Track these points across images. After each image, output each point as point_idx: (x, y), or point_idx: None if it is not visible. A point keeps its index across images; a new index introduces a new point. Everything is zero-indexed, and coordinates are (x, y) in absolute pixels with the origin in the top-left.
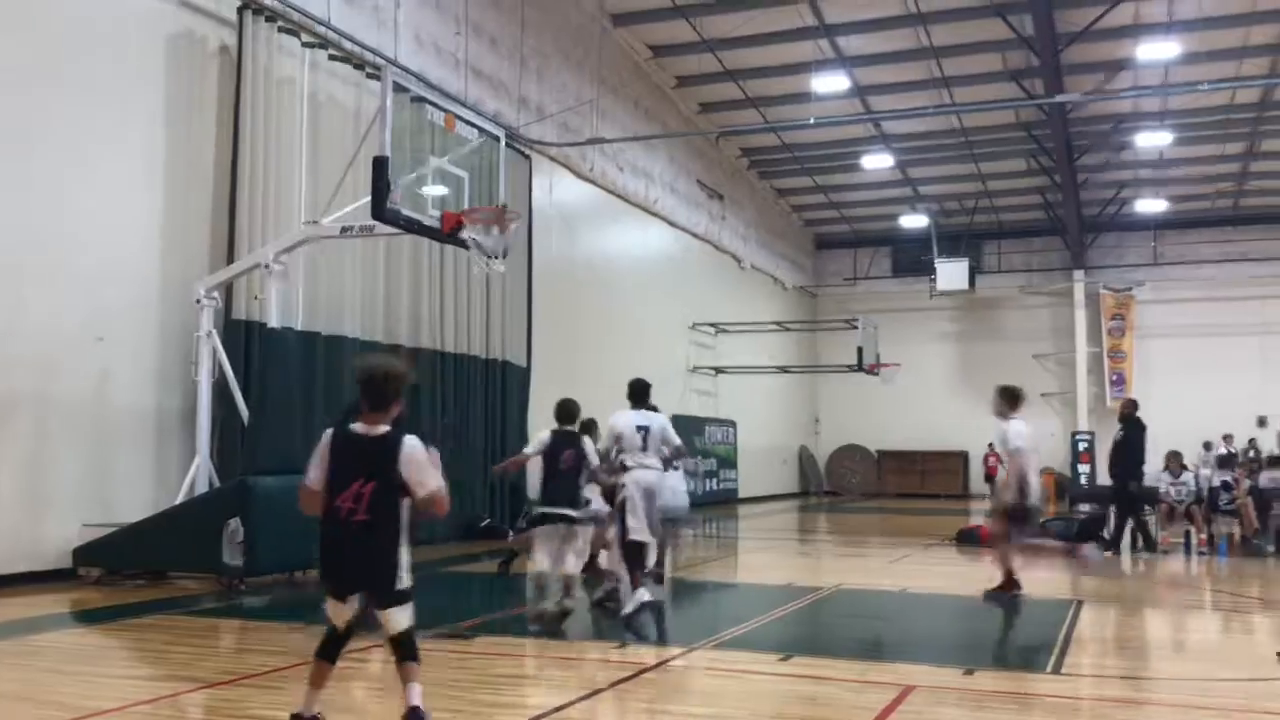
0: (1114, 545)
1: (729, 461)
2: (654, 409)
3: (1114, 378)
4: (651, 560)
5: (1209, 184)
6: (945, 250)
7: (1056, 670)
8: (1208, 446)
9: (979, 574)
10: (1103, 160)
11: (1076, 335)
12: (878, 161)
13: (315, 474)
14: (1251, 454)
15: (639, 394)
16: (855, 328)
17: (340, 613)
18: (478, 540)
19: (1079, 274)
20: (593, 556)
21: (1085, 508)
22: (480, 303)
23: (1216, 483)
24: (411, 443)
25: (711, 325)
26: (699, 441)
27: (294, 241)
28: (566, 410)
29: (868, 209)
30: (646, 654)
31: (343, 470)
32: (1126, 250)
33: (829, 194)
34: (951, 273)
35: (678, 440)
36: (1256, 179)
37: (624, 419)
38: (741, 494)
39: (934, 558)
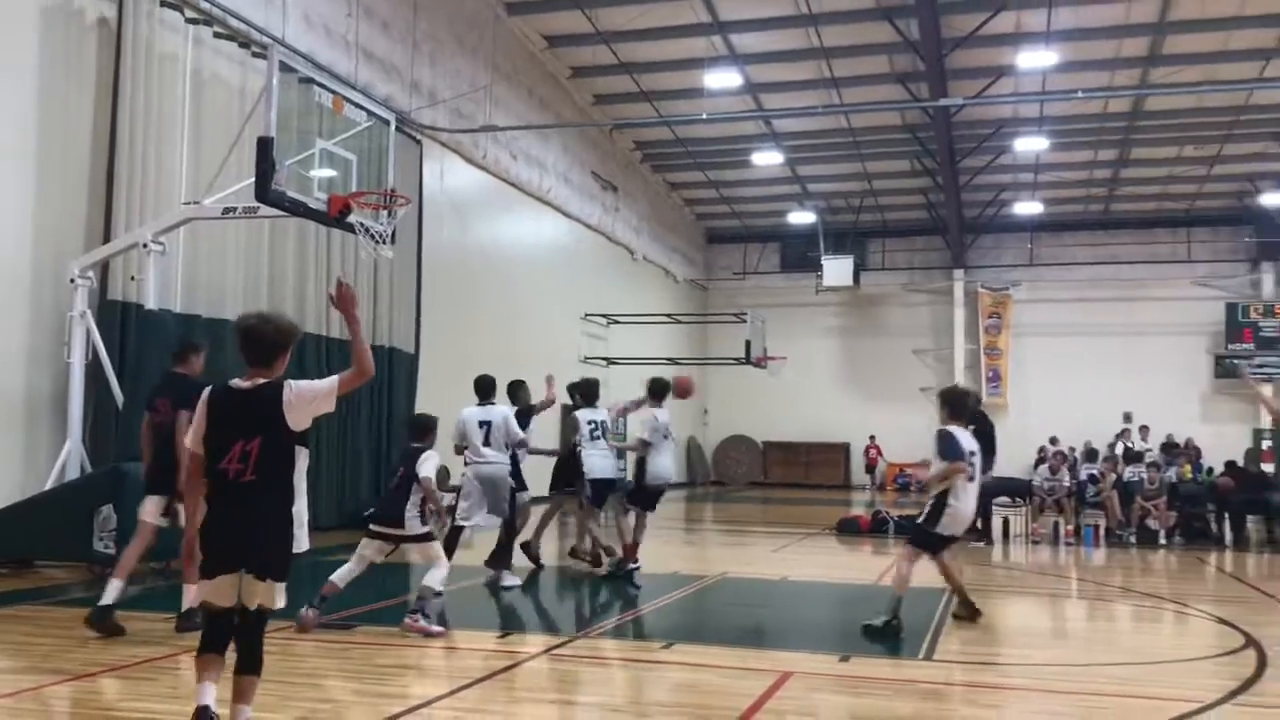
0: (985, 535)
1: (620, 453)
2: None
3: (990, 374)
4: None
5: (1083, 189)
6: (832, 247)
7: (929, 656)
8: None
9: (857, 562)
10: (983, 163)
11: (955, 332)
12: (768, 158)
13: (193, 435)
14: (1119, 449)
15: (483, 390)
16: (744, 321)
17: (221, 592)
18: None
19: (959, 273)
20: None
21: None
22: (368, 288)
23: (1083, 476)
24: (295, 384)
25: (604, 316)
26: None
27: (174, 221)
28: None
29: (758, 205)
30: (530, 643)
31: (222, 430)
32: (1004, 251)
33: (720, 189)
34: (837, 269)
35: (519, 434)
36: (1127, 185)
37: (468, 414)
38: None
39: (815, 547)
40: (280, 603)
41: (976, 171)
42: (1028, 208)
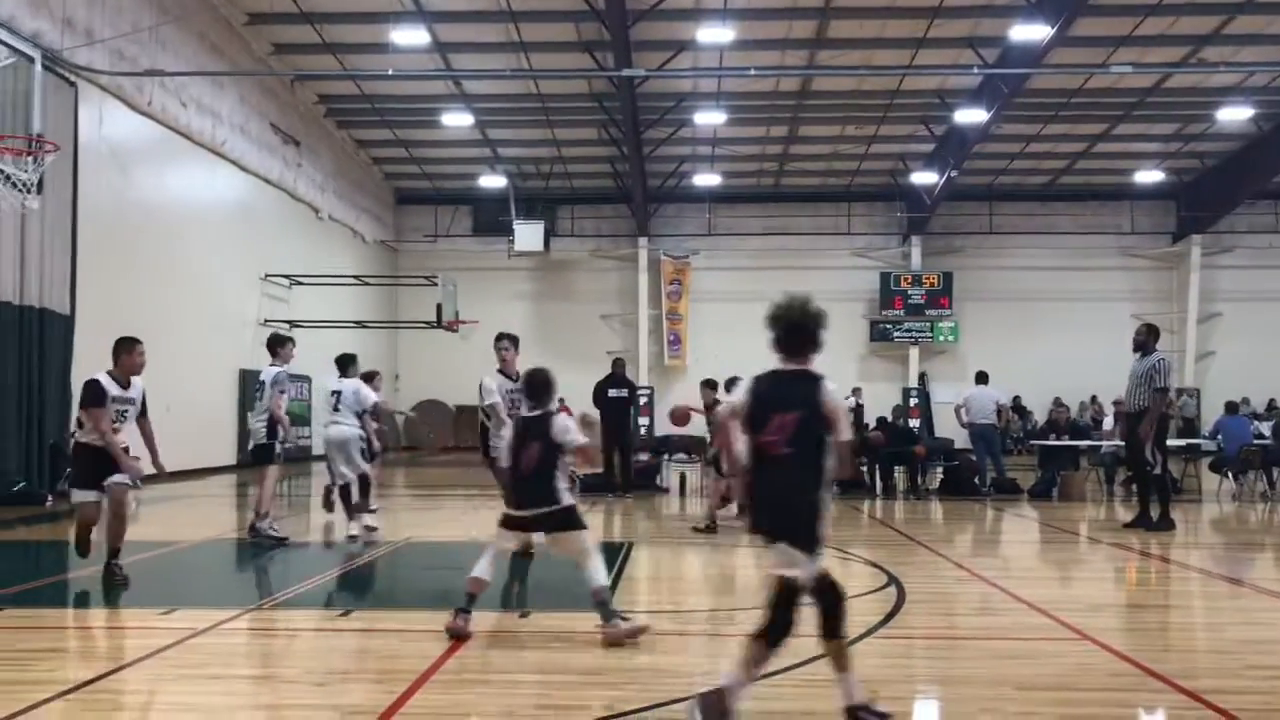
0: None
1: (302, 419)
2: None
3: (671, 338)
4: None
5: (756, 163)
6: (523, 212)
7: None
8: None
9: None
10: (666, 135)
11: (640, 298)
12: (458, 120)
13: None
14: None
15: (341, 364)
16: (435, 284)
17: None
18: (10, 505)
19: (643, 241)
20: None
21: (643, 457)
22: (12, 242)
23: None
24: None
25: (285, 277)
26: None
27: None
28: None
29: (449, 166)
30: (196, 618)
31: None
32: (685, 220)
33: (410, 149)
34: (528, 234)
35: (369, 401)
36: (795, 161)
37: (329, 385)
38: (316, 451)
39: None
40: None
41: (659, 143)
42: (706, 179)
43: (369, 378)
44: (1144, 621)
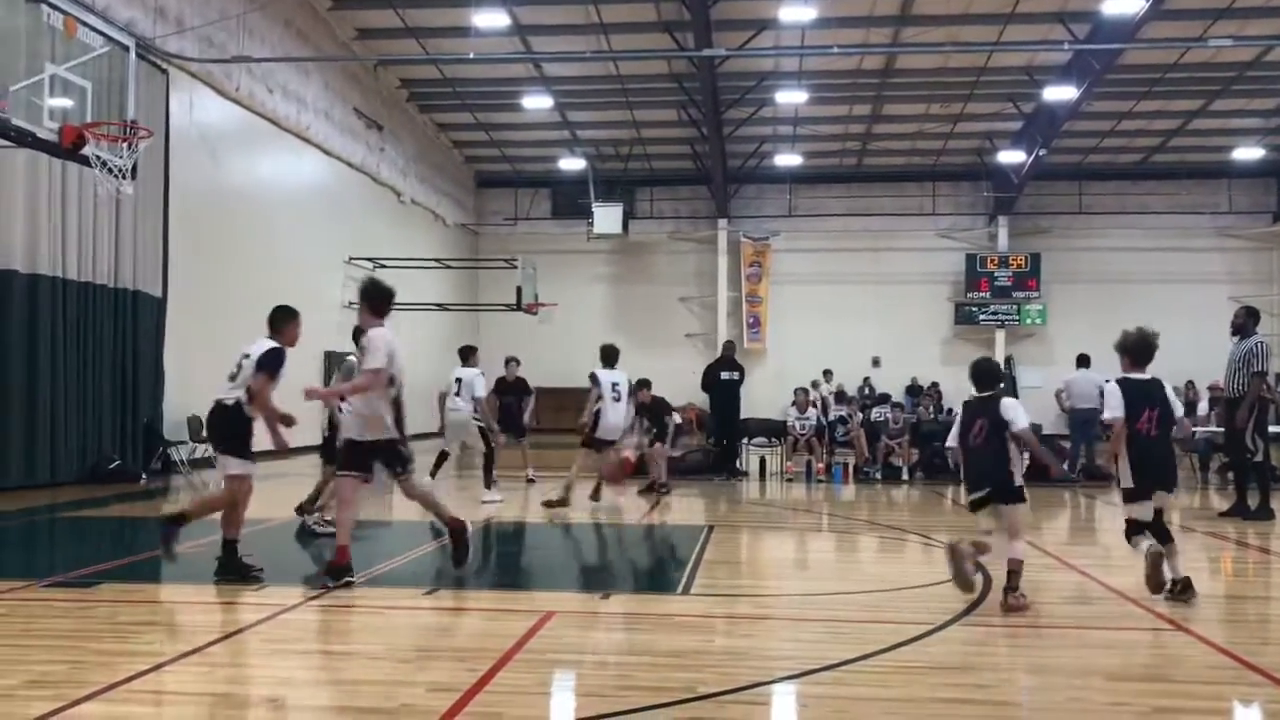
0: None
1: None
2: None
3: (750, 320)
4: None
5: (838, 143)
6: (601, 194)
7: (686, 591)
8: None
9: (624, 503)
10: (746, 115)
11: (719, 280)
12: (537, 102)
13: None
14: (866, 391)
15: (463, 354)
16: (515, 267)
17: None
18: (106, 483)
19: (723, 223)
20: None
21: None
22: (108, 227)
23: (833, 417)
24: None
25: (369, 260)
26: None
27: None
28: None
29: (528, 149)
30: (287, 595)
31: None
32: (765, 202)
33: (490, 132)
34: (607, 217)
35: (479, 392)
36: (878, 140)
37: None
38: None
39: (582, 491)
40: None
41: (740, 123)
42: (787, 159)
43: (467, 354)
44: (1241, 612)
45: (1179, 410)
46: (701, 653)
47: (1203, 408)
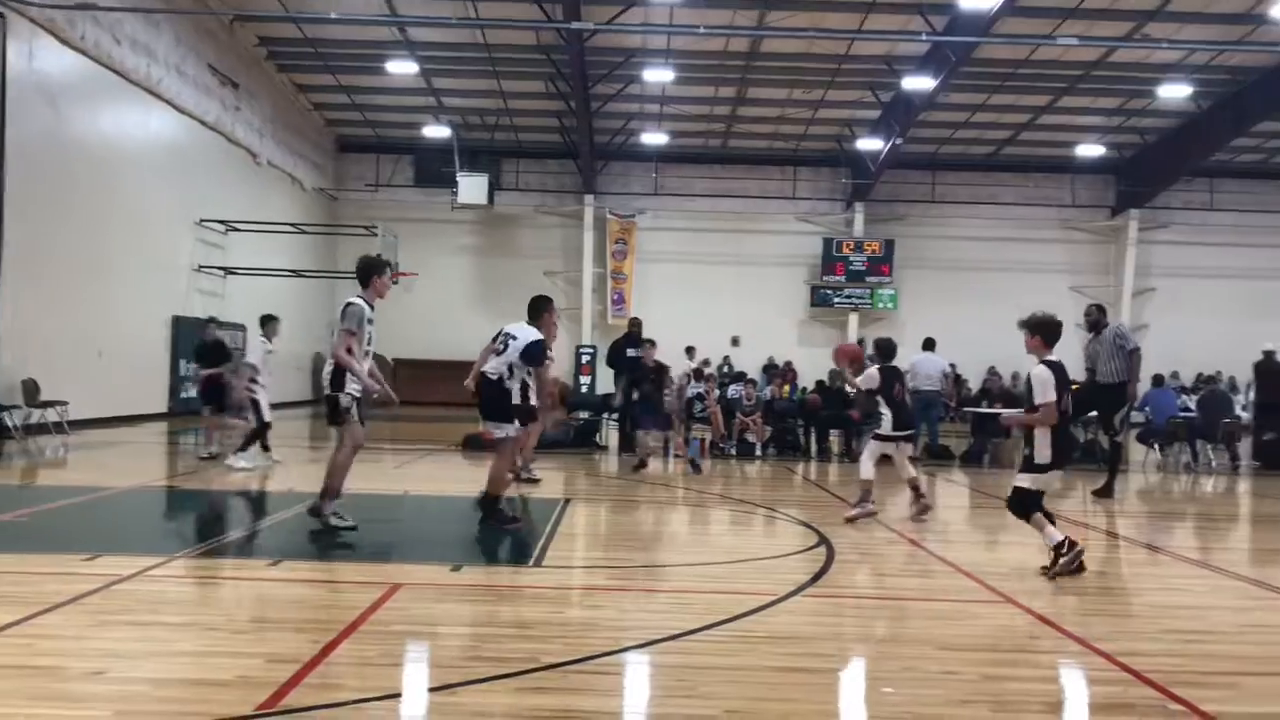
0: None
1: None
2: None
3: (615, 297)
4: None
5: (704, 123)
6: (467, 164)
7: (539, 563)
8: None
9: (480, 476)
10: (614, 91)
11: (584, 256)
12: (402, 67)
13: None
14: (725, 369)
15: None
16: (375, 235)
17: None
18: None
19: (589, 198)
20: None
21: (584, 415)
22: None
23: (691, 394)
24: None
25: (221, 223)
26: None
27: None
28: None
29: (392, 115)
30: (121, 565)
31: None
32: (632, 179)
33: (352, 95)
34: (472, 187)
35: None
36: (742, 123)
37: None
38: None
39: (439, 462)
40: None
41: (608, 99)
42: (654, 138)
43: (265, 322)
44: (1066, 586)
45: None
46: (550, 624)
47: None
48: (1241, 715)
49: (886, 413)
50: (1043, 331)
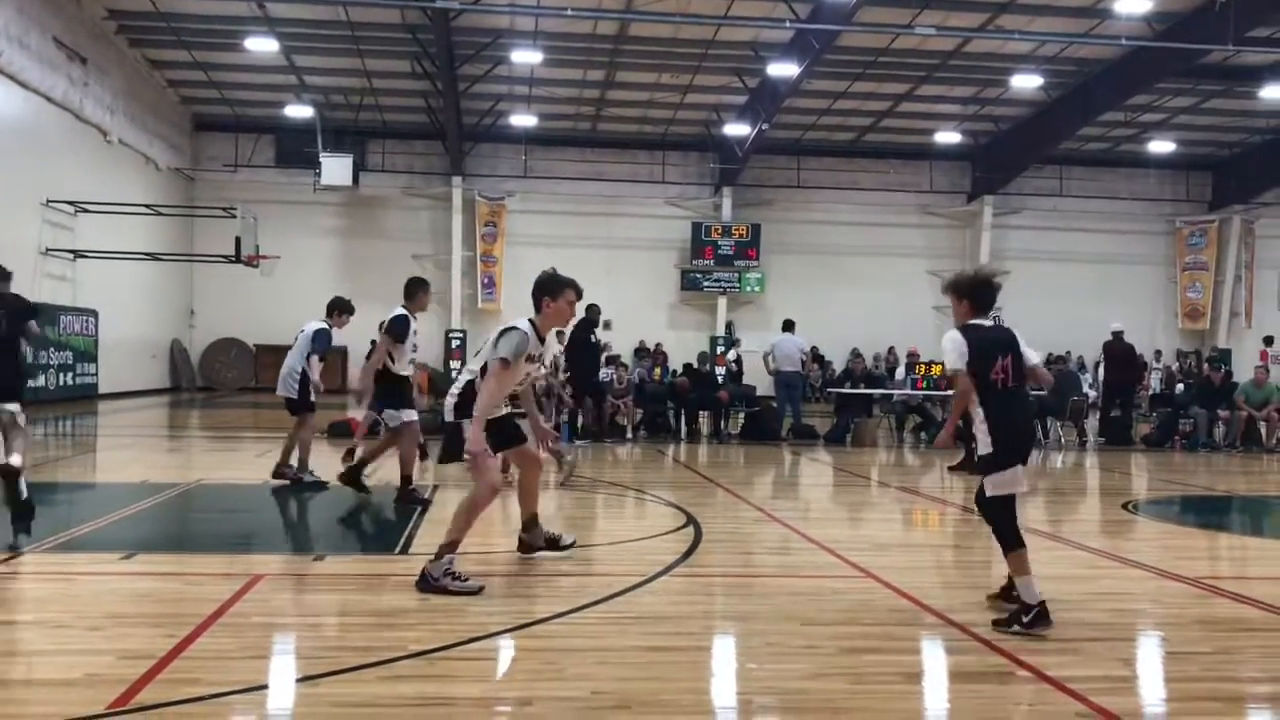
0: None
1: (88, 355)
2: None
3: (485, 281)
4: None
5: (573, 106)
6: (330, 145)
7: (405, 551)
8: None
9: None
10: (481, 72)
11: (453, 239)
12: (262, 44)
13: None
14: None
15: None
16: (235, 216)
17: None
18: None
19: (457, 180)
20: None
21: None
22: None
23: (562, 377)
24: None
25: (70, 204)
26: (53, 332)
27: None
28: None
29: (251, 93)
30: None
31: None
32: (500, 161)
33: (209, 72)
34: (336, 168)
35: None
36: (612, 106)
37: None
38: (103, 389)
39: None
40: None
41: (475, 80)
42: (523, 120)
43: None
44: (923, 560)
45: (1034, 359)
46: (416, 611)
47: (900, 373)
48: (1082, 677)
49: None
50: (974, 295)
